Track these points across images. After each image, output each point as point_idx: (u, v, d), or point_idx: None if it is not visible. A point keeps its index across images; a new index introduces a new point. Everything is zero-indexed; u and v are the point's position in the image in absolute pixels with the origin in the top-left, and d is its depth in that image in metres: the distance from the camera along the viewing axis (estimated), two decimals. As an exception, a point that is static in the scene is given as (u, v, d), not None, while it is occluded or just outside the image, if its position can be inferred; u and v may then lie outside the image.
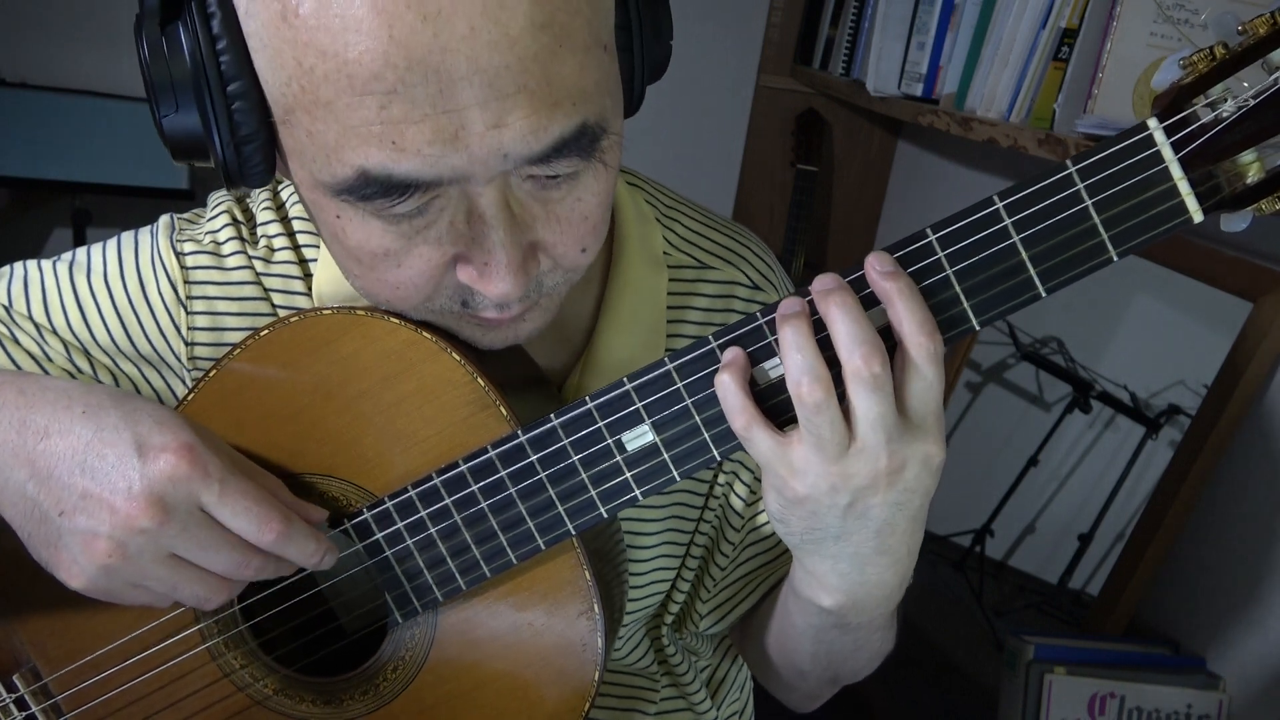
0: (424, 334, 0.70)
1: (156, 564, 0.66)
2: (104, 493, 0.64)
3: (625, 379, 0.66)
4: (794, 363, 0.60)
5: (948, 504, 1.88)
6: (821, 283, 0.61)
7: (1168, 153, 0.57)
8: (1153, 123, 0.57)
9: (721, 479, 0.88)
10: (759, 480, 0.88)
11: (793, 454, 0.62)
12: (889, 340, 0.61)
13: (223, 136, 0.60)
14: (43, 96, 2.19)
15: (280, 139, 0.61)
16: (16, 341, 0.80)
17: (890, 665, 0.89)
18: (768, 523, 0.89)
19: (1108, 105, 1.32)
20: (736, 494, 0.88)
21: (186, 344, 0.81)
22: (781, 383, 0.63)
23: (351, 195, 0.59)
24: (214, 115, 0.60)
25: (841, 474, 0.61)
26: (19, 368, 0.80)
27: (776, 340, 0.63)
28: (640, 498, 0.68)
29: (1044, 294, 0.60)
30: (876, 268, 0.60)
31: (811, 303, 0.62)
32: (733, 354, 0.63)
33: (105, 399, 0.68)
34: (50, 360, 0.80)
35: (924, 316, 0.60)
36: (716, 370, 0.64)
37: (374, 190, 0.58)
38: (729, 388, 0.63)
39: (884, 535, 0.66)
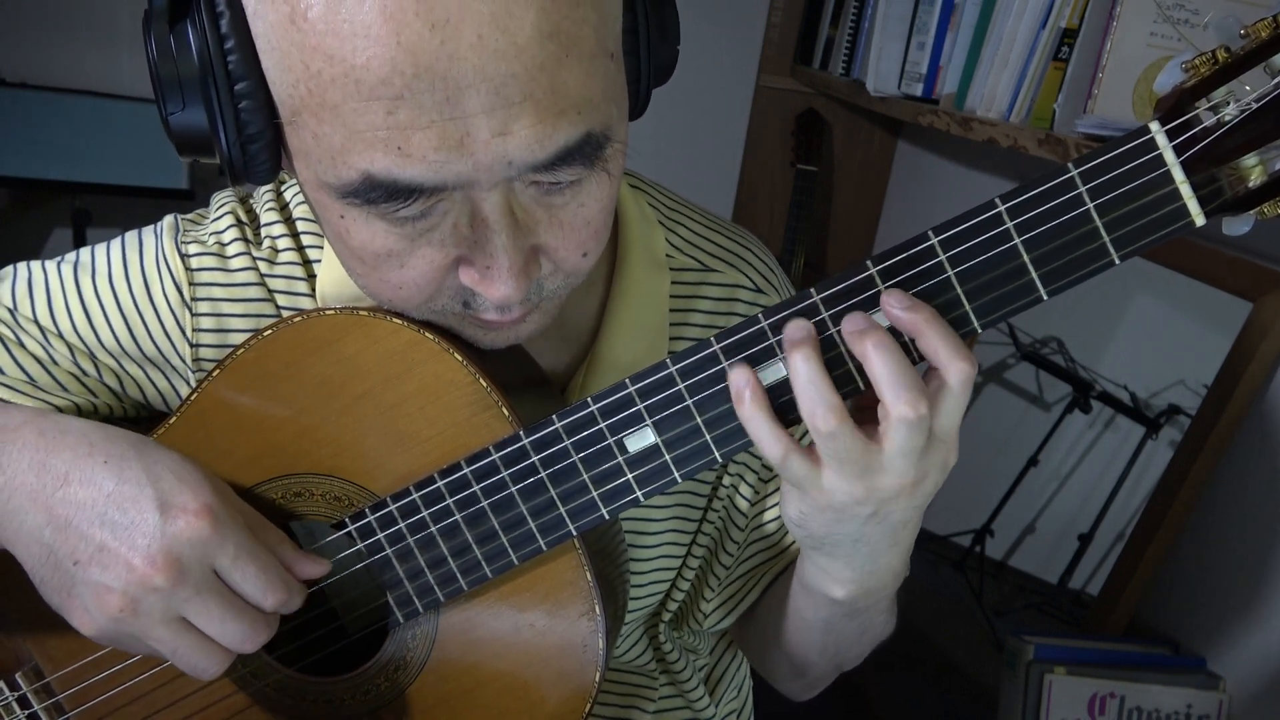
0: (426, 334, 0.70)
1: (164, 625, 0.67)
2: (122, 548, 0.65)
3: (627, 380, 0.66)
4: (807, 394, 0.60)
5: (948, 504, 1.88)
6: (853, 323, 0.61)
7: (1170, 156, 0.57)
8: (1155, 126, 0.57)
9: (726, 480, 0.89)
10: (764, 481, 0.89)
11: (823, 477, 0.63)
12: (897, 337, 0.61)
13: (228, 135, 0.61)
14: (43, 96, 2.19)
15: (286, 138, 0.61)
16: (22, 345, 0.80)
17: (890, 665, 0.90)
18: (772, 520, 0.89)
19: (1108, 105, 1.32)
20: (741, 494, 0.89)
21: (191, 345, 0.81)
22: (782, 385, 0.63)
23: (356, 198, 0.59)
24: (220, 114, 0.60)
25: (868, 489, 0.62)
26: (25, 372, 0.80)
27: (779, 342, 0.63)
28: (642, 499, 0.68)
29: (1046, 296, 0.60)
30: (896, 305, 0.60)
31: (820, 323, 0.62)
32: (745, 379, 0.63)
33: (127, 448, 0.68)
34: (56, 364, 0.80)
35: (956, 342, 0.60)
36: (718, 372, 0.64)
37: (379, 194, 0.58)
38: (757, 421, 0.63)
39: (898, 531, 0.67)
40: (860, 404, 0.63)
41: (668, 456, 0.67)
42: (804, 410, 0.61)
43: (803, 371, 0.61)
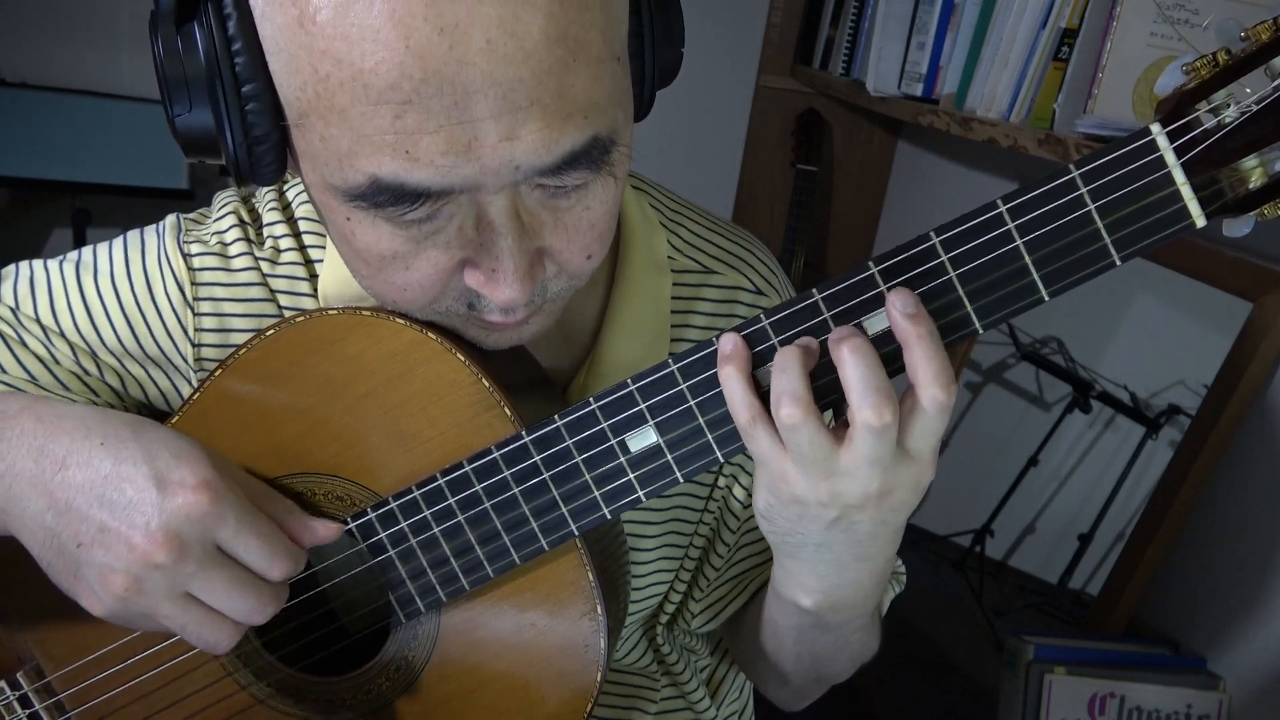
0: (429, 335, 0.70)
1: (170, 601, 0.66)
2: (122, 527, 0.65)
3: (629, 380, 0.66)
4: (778, 384, 0.61)
5: (948, 504, 1.89)
6: (838, 331, 0.61)
7: (1170, 158, 0.57)
8: (1156, 128, 0.57)
9: (722, 481, 0.89)
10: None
11: (786, 462, 0.63)
12: (889, 345, 0.61)
13: (235, 136, 0.61)
14: (43, 96, 2.19)
15: (293, 140, 0.61)
16: (24, 344, 0.81)
17: (890, 665, 0.90)
18: None
19: (1108, 105, 1.32)
20: (735, 496, 0.89)
21: (193, 345, 0.81)
22: None
23: (363, 201, 0.59)
24: (227, 115, 0.60)
25: (831, 492, 0.62)
26: (27, 371, 0.80)
27: (779, 343, 0.63)
28: (643, 499, 0.68)
29: (1047, 297, 0.60)
30: (899, 306, 0.60)
31: (821, 324, 0.62)
32: (732, 344, 0.63)
33: (123, 429, 0.68)
34: (58, 363, 0.81)
35: (940, 367, 0.59)
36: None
37: (385, 197, 0.58)
38: (733, 380, 0.63)
39: (865, 545, 0.67)
40: None
41: (669, 456, 0.67)
42: (773, 397, 0.61)
43: (780, 361, 0.61)
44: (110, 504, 0.65)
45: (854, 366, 0.59)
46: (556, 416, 0.68)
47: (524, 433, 0.69)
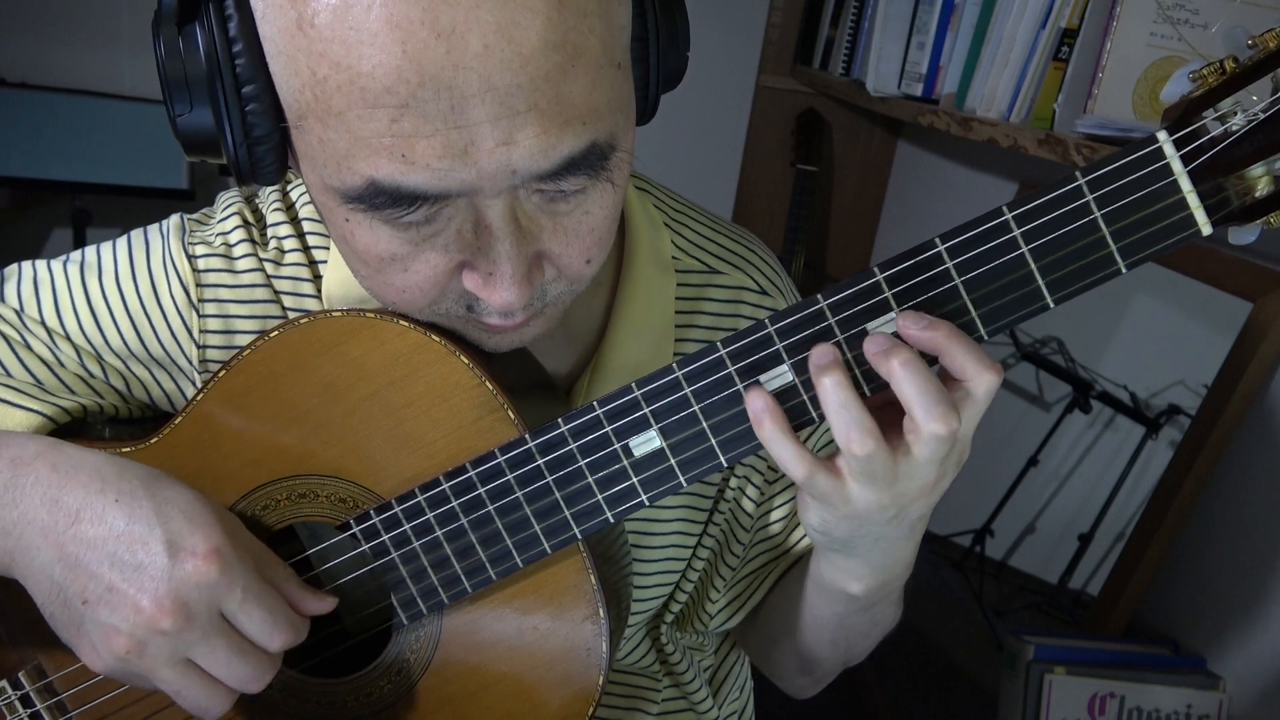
0: (433, 337, 0.70)
1: (170, 666, 0.67)
2: (130, 590, 0.65)
3: (633, 385, 0.66)
4: (842, 420, 0.61)
5: (948, 504, 1.88)
6: (876, 344, 0.61)
7: (1177, 165, 0.57)
8: (1162, 135, 0.57)
9: (734, 482, 0.89)
10: (769, 482, 0.89)
11: (848, 489, 0.63)
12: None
13: (235, 136, 0.61)
14: (43, 96, 2.19)
15: (293, 141, 0.62)
16: (28, 347, 0.80)
17: (890, 665, 0.90)
18: (777, 520, 0.90)
19: (1108, 105, 1.32)
20: (748, 496, 0.89)
21: (198, 346, 0.81)
22: (789, 390, 0.64)
23: (361, 203, 0.59)
24: (227, 116, 0.60)
25: (894, 496, 0.63)
26: (32, 374, 0.80)
27: (785, 348, 0.63)
28: (647, 503, 0.68)
29: (1052, 305, 0.60)
30: (914, 327, 0.60)
31: (840, 345, 0.62)
32: (763, 402, 0.63)
33: (138, 486, 0.68)
34: (63, 366, 0.80)
35: (979, 353, 0.61)
36: (724, 377, 0.64)
37: (383, 200, 0.59)
38: (779, 442, 0.63)
39: (915, 526, 0.69)
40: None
41: (673, 460, 0.67)
42: (839, 435, 0.61)
43: (835, 396, 0.61)
44: (121, 564, 0.66)
45: (912, 382, 0.60)
46: (560, 420, 0.68)
47: (527, 436, 0.69)
